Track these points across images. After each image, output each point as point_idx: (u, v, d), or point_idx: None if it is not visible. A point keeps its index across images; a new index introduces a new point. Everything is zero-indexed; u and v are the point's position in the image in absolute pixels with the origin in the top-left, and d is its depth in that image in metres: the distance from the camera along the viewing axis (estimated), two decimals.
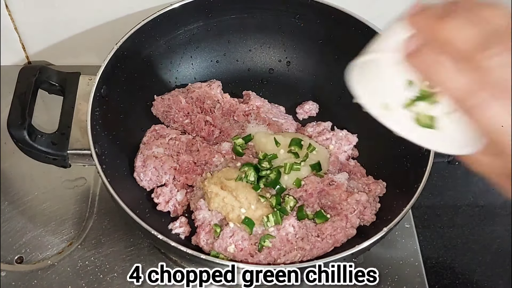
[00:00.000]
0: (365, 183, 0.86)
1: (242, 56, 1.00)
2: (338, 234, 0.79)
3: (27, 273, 0.83)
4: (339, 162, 0.89)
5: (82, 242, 0.86)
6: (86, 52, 1.06)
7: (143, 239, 0.87)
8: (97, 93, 0.79)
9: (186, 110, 0.91)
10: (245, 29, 0.98)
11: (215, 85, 0.96)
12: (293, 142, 0.85)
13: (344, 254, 0.70)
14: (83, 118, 0.79)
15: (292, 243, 0.77)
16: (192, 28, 0.95)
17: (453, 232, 0.97)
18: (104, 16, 0.99)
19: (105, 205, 0.90)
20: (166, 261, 0.84)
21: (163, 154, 0.85)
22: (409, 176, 0.80)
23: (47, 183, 0.93)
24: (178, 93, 0.93)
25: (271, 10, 0.96)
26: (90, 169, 0.91)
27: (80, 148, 0.78)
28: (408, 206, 0.74)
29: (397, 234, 0.90)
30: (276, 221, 0.78)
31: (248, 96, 0.96)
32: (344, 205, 0.81)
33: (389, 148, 0.86)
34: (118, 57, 0.84)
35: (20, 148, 0.78)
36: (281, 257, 0.76)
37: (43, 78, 0.82)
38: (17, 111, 0.77)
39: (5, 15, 0.97)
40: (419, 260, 0.88)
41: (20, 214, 0.89)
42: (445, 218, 0.99)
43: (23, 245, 0.86)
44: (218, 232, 0.78)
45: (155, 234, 0.70)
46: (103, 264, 0.84)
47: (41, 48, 1.06)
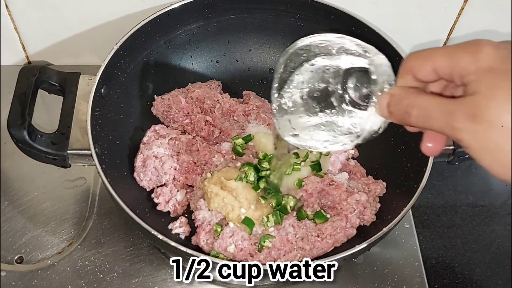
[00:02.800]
0: (365, 183, 0.86)
1: (242, 56, 1.00)
2: (338, 234, 0.79)
3: (27, 273, 0.83)
4: (339, 162, 0.89)
5: (82, 242, 0.86)
6: (86, 52, 1.06)
7: (143, 239, 0.87)
8: (97, 93, 0.79)
9: (186, 110, 0.91)
10: (245, 29, 0.98)
11: (215, 85, 0.96)
12: None
13: (344, 254, 0.70)
14: (83, 118, 0.79)
15: (292, 243, 0.77)
16: (192, 28, 0.95)
17: (453, 232, 0.97)
18: (104, 16, 0.99)
19: (105, 205, 0.90)
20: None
21: (163, 154, 0.85)
22: (409, 176, 0.80)
23: (47, 183, 0.93)
24: (178, 93, 0.93)
25: (271, 10, 0.96)
26: (90, 169, 0.91)
27: (80, 148, 0.78)
28: (408, 206, 0.74)
29: (397, 234, 0.90)
30: (276, 221, 0.78)
31: (248, 96, 0.96)
32: (344, 205, 0.81)
33: (389, 148, 0.86)
34: (118, 57, 0.84)
35: (20, 148, 0.78)
36: (281, 257, 0.76)
37: (43, 78, 0.82)
38: (17, 111, 0.77)
39: (5, 15, 0.97)
40: (419, 260, 0.88)
41: (20, 214, 0.89)
42: (445, 218, 0.99)
43: (23, 245, 0.86)
44: (219, 232, 0.78)
45: (155, 234, 0.70)
46: (103, 264, 0.84)
47: (41, 48, 1.06)
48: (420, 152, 0.52)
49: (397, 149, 0.85)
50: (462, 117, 0.44)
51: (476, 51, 0.45)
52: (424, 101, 0.48)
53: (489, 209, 1.01)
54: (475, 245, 0.96)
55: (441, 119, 0.46)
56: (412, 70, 0.50)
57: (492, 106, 0.43)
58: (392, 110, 0.52)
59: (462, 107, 0.45)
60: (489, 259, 0.95)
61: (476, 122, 0.43)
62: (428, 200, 1.00)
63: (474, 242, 0.96)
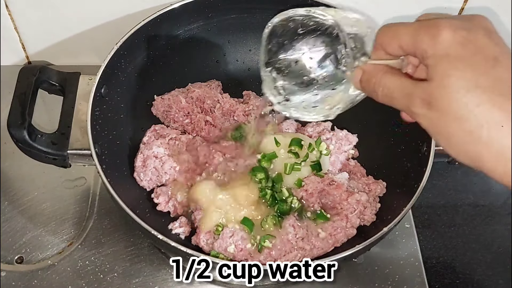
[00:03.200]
0: (365, 183, 0.86)
1: (242, 56, 1.00)
2: (338, 234, 0.79)
3: (27, 273, 0.83)
4: (339, 162, 0.89)
5: (82, 242, 0.86)
6: (86, 52, 1.06)
7: (143, 239, 0.87)
8: (97, 93, 0.79)
9: (186, 110, 0.91)
10: (245, 29, 0.98)
11: (215, 85, 0.96)
12: (293, 142, 0.85)
13: (344, 254, 0.70)
14: (83, 118, 0.79)
15: (292, 243, 0.77)
16: (192, 28, 0.95)
17: (453, 232, 0.97)
18: (104, 16, 1.00)
19: (105, 205, 0.90)
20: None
21: (163, 154, 0.85)
22: (409, 176, 0.80)
23: (47, 183, 0.93)
24: (178, 93, 0.93)
25: (271, 10, 0.94)
26: (90, 169, 0.91)
27: (80, 148, 0.78)
28: (408, 206, 0.74)
29: (397, 234, 0.90)
30: (275, 225, 0.78)
31: (248, 96, 0.96)
32: (344, 205, 0.81)
33: (389, 148, 0.86)
34: (118, 57, 0.84)
35: (20, 148, 0.78)
36: (281, 257, 0.76)
37: (43, 78, 0.82)
38: (17, 111, 0.77)
39: (5, 15, 0.97)
40: (419, 260, 0.88)
41: (20, 214, 0.89)
42: (445, 218, 0.99)
43: (23, 245, 0.86)
44: (219, 232, 0.78)
45: (155, 234, 0.70)
46: (103, 264, 0.84)
47: (41, 48, 1.06)
48: (420, 152, 0.52)
49: (397, 149, 0.85)
50: (418, 103, 0.47)
51: (435, 33, 0.46)
52: (388, 81, 0.50)
53: (489, 209, 1.01)
54: (476, 245, 0.96)
55: (401, 101, 0.49)
56: (382, 45, 0.52)
57: (444, 96, 0.45)
58: (363, 86, 0.54)
59: (418, 92, 0.47)
60: (489, 259, 0.95)
61: (430, 109, 0.46)
62: (428, 200, 1.00)
63: (475, 242, 0.96)
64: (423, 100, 0.46)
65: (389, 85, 0.50)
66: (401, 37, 0.49)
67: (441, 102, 0.45)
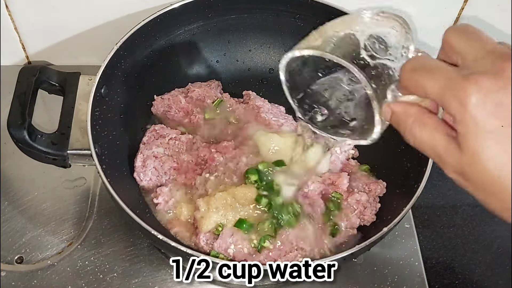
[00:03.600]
0: (365, 183, 0.86)
1: (242, 56, 1.00)
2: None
3: (27, 273, 0.83)
4: (339, 162, 0.89)
5: (82, 242, 0.86)
6: (86, 52, 1.06)
7: (143, 239, 0.87)
8: (97, 93, 0.79)
9: (185, 110, 0.91)
10: (245, 29, 0.98)
11: (215, 85, 0.96)
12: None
13: (344, 254, 0.70)
14: (83, 118, 0.79)
15: (292, 244, 0.77)
16: (192, 28, 0.95)
17: (453, 232, 0.97)
18: (104, 16, 1.00)
19: (105, 205, 0.90)
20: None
21: (163, 154, 0.85)
22: (409, 176, 0.80)
23: (47, 183, 0.93)
24: (178, 93, 0.93)
25: (271, 10, 0.96)
26: (90, 169, 0.91)
27: (80, 148, 0.78)
28: (408, 206, 0.74)
29: (397, 234, 0.90)
30: (272, 231, 0.77)
31: (248, 96, 0.96)
32: (344, 205, 0.81)
33: (389, 148, 0.86)
34: (118, 57, 0.84)
35: (20, 148, 0.78)
36: (281, 258, 0.76)
37: (43, 78, 0.82)
38: (17, 111, 0.77)
39: (5, 15, 0.97)
40: (419, 260, 0.88)
41: (20, 214, 0.89)
42: (445, 218, 0.99)
43: (23, 245, 0.86)
44: (219, 231, 0.78)
45: (155, 234, 0.70)
46: (103, 264, 0.84)
47: (41, 48, 1.06)
48: (420, 152, 0.51)
49: (397, 149, 0.85)
50: (451, 171, 0.46)
51: (463, 100, 0.42)
52: (418, 134, 0.48)
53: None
54: (475, 245, 0.96)
55: (434, 159, 0.48)
56: (406, 89, 0.48)
57: (476, 174, 0.44)
58: (394, 125, 0.51)
59: (450, 161, 0.45)
60: (489, 259, 0.95)
61: (464, 180, 0.46)
62: (428, 200, 1.00)
63: (474, 242, 0.96)
64: (456, 170, 0.45)
65: (420, 139, 0.48)
66: (427, 91, 0.45)
67: (474, 177, 0.44)
